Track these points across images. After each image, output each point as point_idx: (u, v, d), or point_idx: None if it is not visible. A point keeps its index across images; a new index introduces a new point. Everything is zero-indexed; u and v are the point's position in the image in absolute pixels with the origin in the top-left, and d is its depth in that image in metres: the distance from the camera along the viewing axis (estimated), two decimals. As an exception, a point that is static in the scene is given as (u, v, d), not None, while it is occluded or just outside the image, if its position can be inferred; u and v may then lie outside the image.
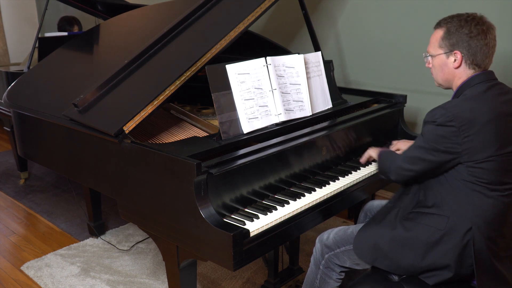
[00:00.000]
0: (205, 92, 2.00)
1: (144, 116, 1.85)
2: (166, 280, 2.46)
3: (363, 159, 2.15)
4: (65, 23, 4.28)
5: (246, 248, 1.55)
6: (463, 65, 1.62)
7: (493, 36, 1.61)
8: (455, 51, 1.61)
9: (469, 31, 1.58)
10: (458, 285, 1.63)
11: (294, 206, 1.78)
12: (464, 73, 1.63)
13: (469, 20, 1.60)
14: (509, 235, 1.62)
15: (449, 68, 1.64)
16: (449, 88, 1.72)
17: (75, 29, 4.26)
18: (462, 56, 1.60)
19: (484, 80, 1.60)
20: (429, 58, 1.71)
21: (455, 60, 1.62)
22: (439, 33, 1.65)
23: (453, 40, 1.61)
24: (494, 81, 1.62)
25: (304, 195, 1.87)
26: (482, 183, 1.53)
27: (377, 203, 2.10)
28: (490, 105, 1.54)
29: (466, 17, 1.61)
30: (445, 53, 1.63)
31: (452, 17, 1.65)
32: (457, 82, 1.65)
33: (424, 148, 1.58)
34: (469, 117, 1.50)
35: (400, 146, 2.14)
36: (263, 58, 1.99)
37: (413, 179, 1.69)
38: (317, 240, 1.90)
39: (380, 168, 1.84)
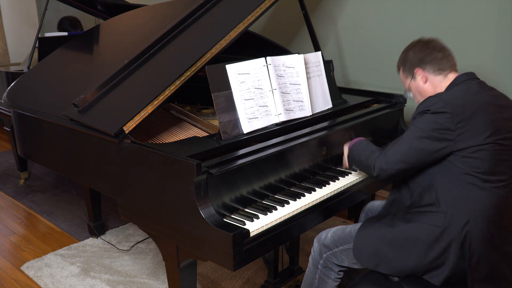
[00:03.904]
0: (205, 92, 2.01)
1: (144, 116, 1.85)
2: (166, 280, 2.46)
3: (344, 165, 2.04)
4: (68, 25, 4.27)
5: (246, 248, 1.55)
6: (429, 76, 1.75)
7: (438, 44, 1.77)
8: (414, 71, 1.78)
9: (413, 51, 1.78)
10: (459, 285, 1.63)
11: (294, 206, 1.78)
12: (437, 81, 1.75)
13: (409, 47, 1.82)
14: (510, 228, 1.63)
15: (422, 86, 1.78)
16: None
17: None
18: (422, 69, 1.75)
19: (468, 78, 1.69)
20: (409, 93, 1.87)
21: (421, 77, 1.76)
22: (400, 71, 1.87)
23: (407, 66, 1.80)
24: (477, 79, 1.71)
25: (304, 195, 1.87)
26: (476, 173, 1.56)
27: (378, 203, 2.10)
28: (478, 95, 1.62)
29: (407, 47, 1.83)
30: (412, 78, 1.80)
31: (399, 57, 1.87)
32: (441, 88, 1.74)
33: (416, 138, 1.60)
34: (462, 103, 1.57)
35: None
36: (263, 58, 1.99)
37: (402, 173, 1.67)
38: (315, 240, 1.90)
39: (355, 161, 1.84)
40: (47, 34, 3.78)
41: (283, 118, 2.02)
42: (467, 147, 1.55)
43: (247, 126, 1.90)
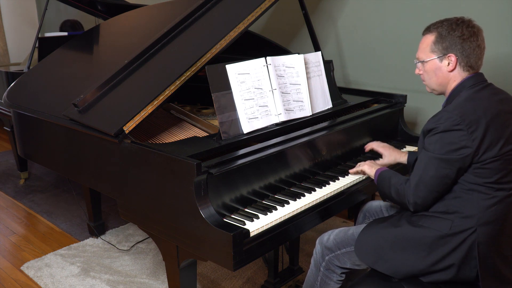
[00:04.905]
0: (205, 92, 2.01)
1: (144, 116, 1.85)
2: (166, 280, 2.46)
3: (352, 171, 2.03)
4: (68, 27, 4.28)
5: (246, 248, 1.55)
6: (458, 67, 1.62)
7: (483, 38, 1.62)
8: (449, 55, 1.61)
9: (462, 34, 1.58)
10: (463, 286, 1.62)
11: (294, 206, 1.78)
12: (458, 76, 1.63)
13: (459, 23, 1.60)
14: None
15: (443, 72, 1.64)
16: (442, 93, 1.71)
17: None
18: (457, 58, 1.60)
19: (476, 82, 1.61)
20: (419, 64, 1.70)
21: (449, 63, 1.62)
22: (430, 38, 1.65)
23: (446, 44, 1.60)
24: (486, 83, 1.63)
25: (304, 195, 1.87)
26: (487, 183, 1.53)
27: (376, 204, 2.10)
28: (488, 104, 1.55)
29: (456, 21, 1.61)
30: (438, 57, 1.63)
31: (441, 22, 1.64)
32: (451, 85, 1.65)
33: (438, 167, 1.53)
34: (475, 118, 1.50)
35: (374, 146, 2.12)
36: (263, 58, 1.99)
37: (438, 200, 1.61)
38: (317, 242, 1.90)
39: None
40: (47, 34, 3.78)
41: (283, 118, 2.02)
42: (482, 160, 1.51)
43: (247, 126, 1.90)
